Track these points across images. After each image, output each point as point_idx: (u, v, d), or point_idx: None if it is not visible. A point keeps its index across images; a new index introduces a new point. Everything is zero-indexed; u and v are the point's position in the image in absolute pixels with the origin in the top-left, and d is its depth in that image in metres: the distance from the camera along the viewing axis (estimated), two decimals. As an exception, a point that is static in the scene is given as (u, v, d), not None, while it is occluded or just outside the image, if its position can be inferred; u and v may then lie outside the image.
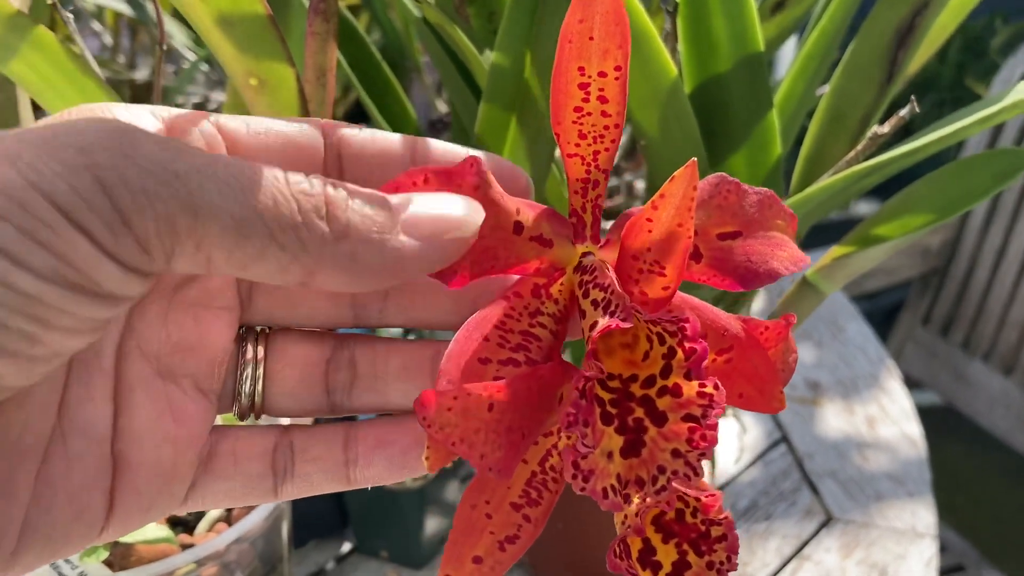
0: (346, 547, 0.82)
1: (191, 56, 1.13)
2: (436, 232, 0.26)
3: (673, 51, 0.59)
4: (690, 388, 0.27)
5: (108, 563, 0.52)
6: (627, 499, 0.27)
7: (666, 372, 0.28)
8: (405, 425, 0.31)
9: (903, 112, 0.48)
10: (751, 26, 0.55)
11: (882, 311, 2.22)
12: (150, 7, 1.00)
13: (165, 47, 0.50)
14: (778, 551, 0.84)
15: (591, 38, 0.29)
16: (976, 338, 1.68)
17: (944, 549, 1.46)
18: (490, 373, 0.29)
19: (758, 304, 0.64)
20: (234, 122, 0.29)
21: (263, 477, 0.30)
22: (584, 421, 0.26)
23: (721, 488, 0.91)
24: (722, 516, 0.31)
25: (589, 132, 0.30)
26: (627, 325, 0.27)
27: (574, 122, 0.30)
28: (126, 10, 1.07)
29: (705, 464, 0.78)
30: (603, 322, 0.27)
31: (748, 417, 1.01)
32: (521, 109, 0.51)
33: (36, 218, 0.21)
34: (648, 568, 0.31)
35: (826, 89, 0.59)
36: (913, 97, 0.47)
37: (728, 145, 0.59)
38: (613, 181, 1.06)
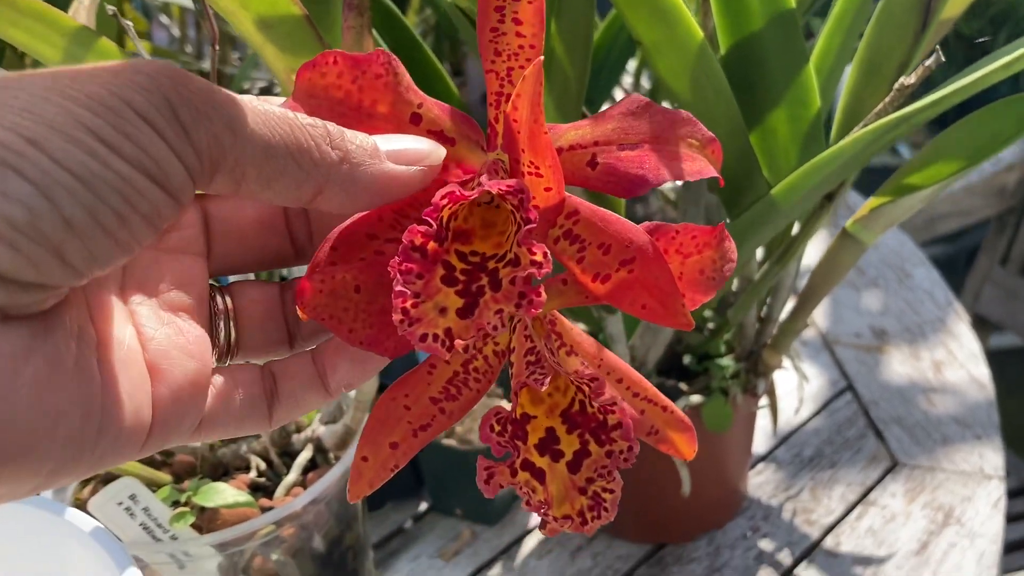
0: (422, 507, 0.86)
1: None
2: (412, 160, 0.32)
3: (706, 15, 0.60)
4: (525, 256, 0.29)
5: (196, 527, 0.57)
6: (449, 350, 0.29)
7: (513, 245, 0.30)
8: None
9: (928, 61, 0.48)
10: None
11: (966, 251, 2.17)
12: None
13: (228, 37, 0.53)
14: (843, 498, 0.85)
15: None
16: (1058, 277, 1.64)
17: (1029, 492, 1.44)
18: (372, 248, 0.33)
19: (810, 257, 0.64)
20: None
21: (260, 401, 0.35)
22: (419, 274, 0.29)
23: (786, 438, 0.92)
24: (611, 402, 0.33)
25: (504, 50, 0.33)
26: (471, 195, 0.29)
27: (490, 41, 0.33)
28: (188, 5, 1.12)
29: (766, 414, 0.80)
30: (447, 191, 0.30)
31: (811, 368, 1.01)
32: (548, 71, 0.53)
33: (123, 118, 0.25)
34: (547, 455, 0.33)
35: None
36: (938, 46, 0.48)
37: (768, 102, 0.60)
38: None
